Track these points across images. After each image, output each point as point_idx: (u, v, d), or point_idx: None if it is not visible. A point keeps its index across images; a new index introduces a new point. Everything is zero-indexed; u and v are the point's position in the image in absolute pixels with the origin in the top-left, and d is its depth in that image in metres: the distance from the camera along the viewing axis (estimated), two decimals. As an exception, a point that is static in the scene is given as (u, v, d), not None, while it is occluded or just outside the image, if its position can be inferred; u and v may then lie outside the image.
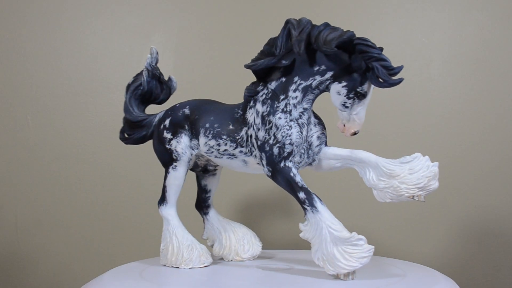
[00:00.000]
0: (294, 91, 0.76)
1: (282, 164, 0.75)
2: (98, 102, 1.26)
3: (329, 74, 0.75)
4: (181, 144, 0.85)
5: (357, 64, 0.73)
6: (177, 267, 0.83)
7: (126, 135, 0.93)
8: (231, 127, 0.81)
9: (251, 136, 0.78)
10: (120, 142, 0.95)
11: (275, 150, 0.75)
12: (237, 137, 0.80)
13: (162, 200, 0.87)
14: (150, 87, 0.91)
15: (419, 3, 1.26)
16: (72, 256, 1.24)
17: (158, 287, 0.71)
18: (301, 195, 0.73)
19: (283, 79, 0.77)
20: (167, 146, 0.86)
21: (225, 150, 0.81)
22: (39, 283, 1.23)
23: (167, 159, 0.86)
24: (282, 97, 0.77)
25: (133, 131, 0.92)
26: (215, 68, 1.28)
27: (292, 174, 0.75)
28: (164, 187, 0.87)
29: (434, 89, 1.25)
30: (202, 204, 0.94)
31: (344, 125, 0.77)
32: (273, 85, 0.78)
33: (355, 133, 0.76)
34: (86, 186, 1.24)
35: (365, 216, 1.24)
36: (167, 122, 0.87)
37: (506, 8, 1.23)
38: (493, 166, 1.22)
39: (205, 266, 0.84)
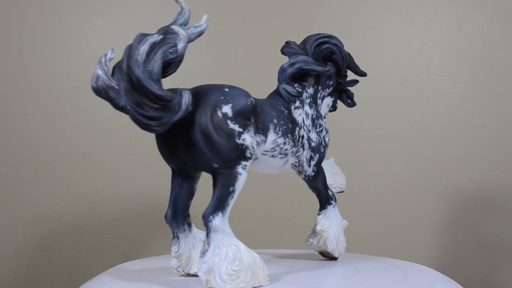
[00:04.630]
0: (320, 99, 0.83)
1: (321, 165, 0.81)
2: (98, 102, 1.25)
3: (331, 89, 0.85)
4: (254, 141, 0.68)
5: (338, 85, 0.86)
6: (260, 286, 0.67)
7: (152, 119, 0.62)
8: (290, 125, 0.76)
9: (302, 136, 0.78)
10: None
11: (326, 152, 0.81)
12: (295, 136, 0.77)
13: (221, 209, 0.65)
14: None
15: (419, 3, 1.26)
16: (72, 256, 1.24)
17: (158, 287, 0.71)
18: (330, 192, 0.82)
19: (315, 86, 0.82)
20: (237, 141, 0.66)
21: (286, 149, 0.75)
22: (39, 283, 1.23)
23: (236, 156, 0.66)
24: (318, 102, 0.83)
25: (160, 113, 0.62)
26: (216, 68, 1.28)
27: (325, 174, 0.83)
28: (231, 193, 0.66)
29: (434, 89, 1.25)
30: (185, 213, 0.72)
31: None
32: (311, 90, 0.81)
33: None
34: (86, 186, 1.24)
35: (365, 216, 1.24)
36: (227, 110, 0.65)
37: (506, 8, 1.23)
38: (493, 166, 1.22)
39: None
